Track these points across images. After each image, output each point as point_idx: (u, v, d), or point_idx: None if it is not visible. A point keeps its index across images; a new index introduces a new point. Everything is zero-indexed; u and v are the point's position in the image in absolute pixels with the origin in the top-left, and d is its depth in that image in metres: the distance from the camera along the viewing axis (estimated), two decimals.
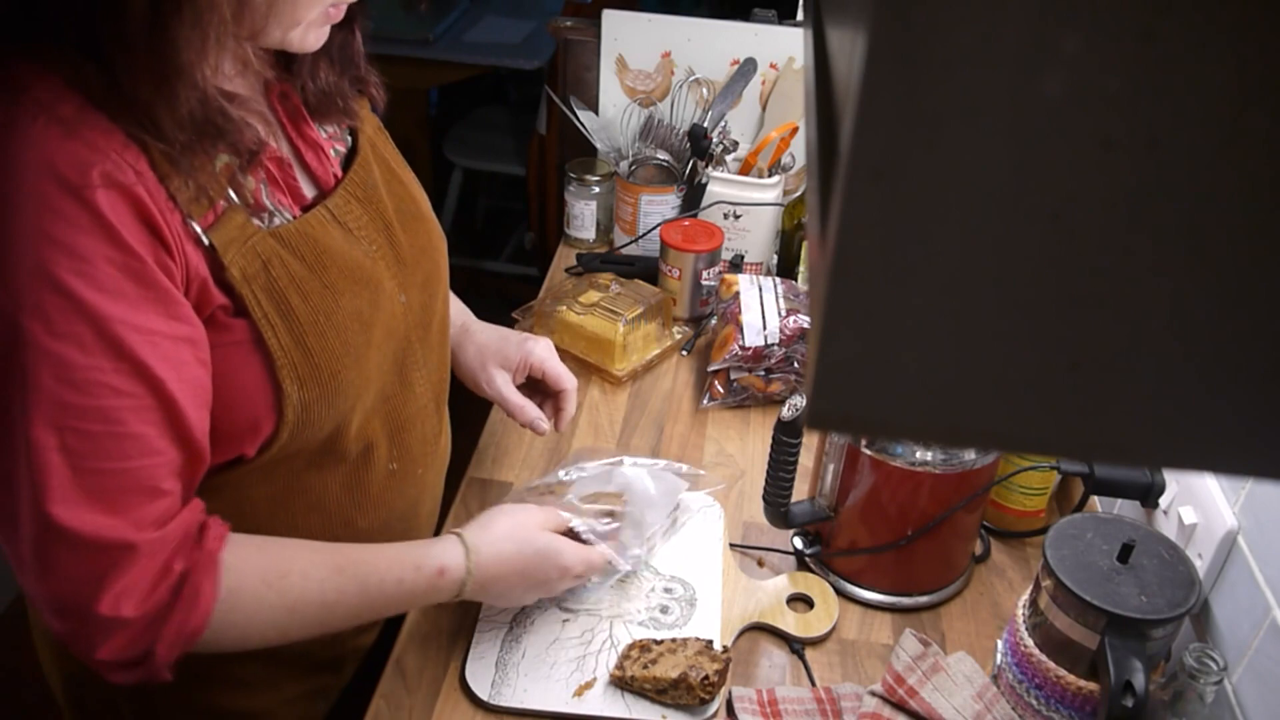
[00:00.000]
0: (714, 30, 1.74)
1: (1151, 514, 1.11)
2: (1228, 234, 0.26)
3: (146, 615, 0.76)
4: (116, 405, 0.73)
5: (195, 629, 0.78)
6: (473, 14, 3.22)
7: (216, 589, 0.79)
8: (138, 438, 0.75)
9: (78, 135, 0.70)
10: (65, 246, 0.70)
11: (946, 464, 1.05)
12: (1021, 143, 0.25)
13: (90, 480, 0.73)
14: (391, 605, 0.91)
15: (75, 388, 0.72)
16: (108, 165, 0.71)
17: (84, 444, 0.73)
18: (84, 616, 0.75)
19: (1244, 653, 0.91)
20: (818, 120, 0.38)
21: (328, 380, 0.85)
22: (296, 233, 0.83)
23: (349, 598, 0.87)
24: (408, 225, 0.97)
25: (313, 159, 0.90)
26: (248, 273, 0.79)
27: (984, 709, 0.97)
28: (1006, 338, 0.28)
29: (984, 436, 0.31)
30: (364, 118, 0.98)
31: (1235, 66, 0.24)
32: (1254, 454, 0.29)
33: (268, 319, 0.80)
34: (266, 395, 0.82)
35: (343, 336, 0.86)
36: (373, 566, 0.88)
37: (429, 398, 1.02)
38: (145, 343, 0.73)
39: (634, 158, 1.72)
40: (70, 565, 0.74)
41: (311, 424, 0.86)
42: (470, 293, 1.24)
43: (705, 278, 1.56)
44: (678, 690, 0.97)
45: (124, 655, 0.77)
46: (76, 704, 1.04)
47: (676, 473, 1.18)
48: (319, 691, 1.07)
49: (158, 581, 0.77)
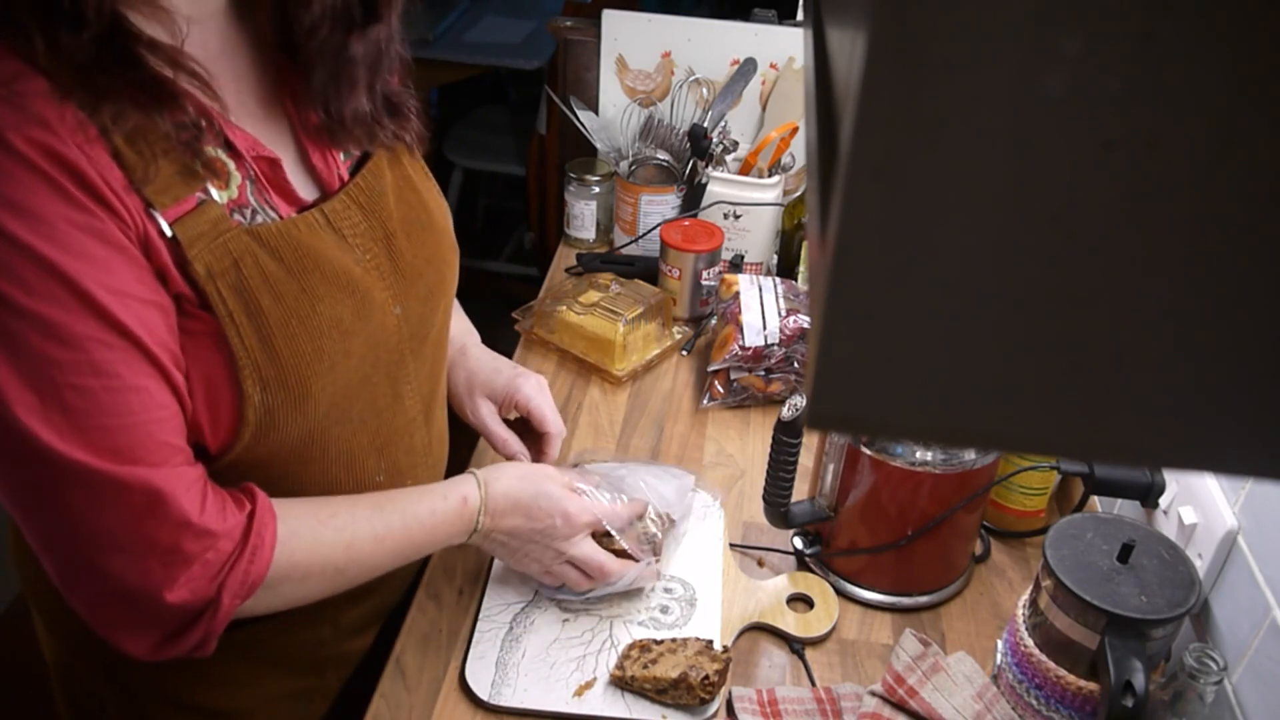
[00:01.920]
0: (714, 30, 1.75)
1: (1151, 514, 1.11)
2: (1227, 234, 0.26)
3: (211, 554, 0.77)
4: (108, 358, 0.72)
5: (259, 575, 0.80)
6: (473, 14, 3.22)
7: (277, 535, 0.81)
8: (137, 390, 0.74)
9: (21, 106, 0.69)
10: (22, 209, 0.69)
11: (946, 464, 1.05)
12: (1021, 143, 0.25)
13: (99, 438, 0.73)
14: (428, 540, 0.94)
15: (62, 343, 0.71)
16: (52, 140, 0.70)
17: (82, 400, 0.72)
18: (152, 545, 0.75)
19: (1244, 653, 0.91)
20: (818, 120, 0.38)
21: (294, 385, 0.83)
22: (277, 233, 0.82)
23: (395, 531, 0.90)
24: (414, 235, 0.95)
25: (319, 160, 0.89)
26: (215, 269, 0.78)
27: (984, 709, 0.97)
28: (1006, 338, 0.28)
29: (984, 436, 0.31)
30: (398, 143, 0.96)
31: (1235, 66, 0.24)
32: (1254, 454, 0.29)
33: (232, 318, 0.79)
34: (227, 393, 0.81)
35: (316, 343, 0.84)
36: (406, 500, 0.92)
37: (418, 410, 1.01)
38: (118, 302, 0.72)
39: (634, 158, 1.72)
40: (112, 500, 0.74)
41: (277, 428, 0.84)
42: (470, 293, 1.24)
43: (705, 278, 1.56)
44: (678, 690, 0.97)
45: (191, 599, 0.77)
46: (67, 693, 1.05)
47: (675, 476, 1.18)
48: (302, 693, 1.06)
49: (220, 520, 0.78)
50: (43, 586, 0.99)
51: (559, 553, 1.01)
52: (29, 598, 1.04)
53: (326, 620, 1.03)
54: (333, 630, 1.04)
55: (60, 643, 1.02)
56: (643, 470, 1.15)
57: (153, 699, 1.00)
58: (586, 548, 1.02)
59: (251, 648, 0.96)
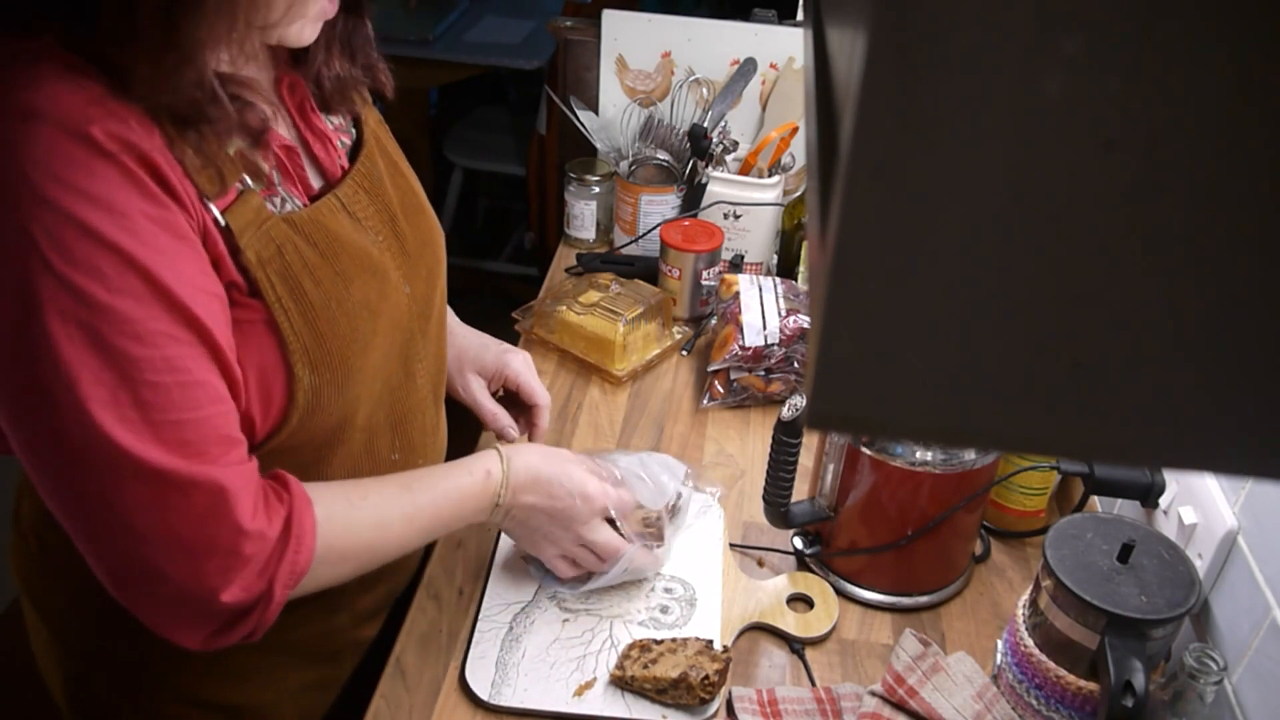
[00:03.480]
0: (714, 30, 1.74)
1: (1151, 514, 1.11)
2: (1227, 234, 0.26)
3: (263, 553, 0.78)
4: (180, 354, 0.74)
5: (305, 564, 0.81)
6: (473, 14, 3.22)
7: (316, 522, 0.82)
8: (204, 385, 0.75)
9: (101, 104, 0.71)
10: (103, 203, 0.70)
11: (946, 464, 1.05)
12: (1021, 143, 0.25)
13: (170, 432, 0.74)
14: (455, 515, 0.95)
15: (139, 340, 0.72)
16: (128, 133, 0.72)
17: (157, 396, 0.73)
18: (211, 550, 0.76)
19: (1244, 653, 0.91)
20: (818, 120, 0.38)
21: (338, 365, 0.86)
22: (309, 220, 0.84)
23: (424, 510, 0.92)
24: (411, 217, 0.98)
25: (320, 150, 0.91)
26: (263, 256, 0.80)
27: (984, 709, 0.97)
28: (1006, 337, 0.28)
29: (984, 436, 0.32)
30: (367, 107, 0.99)
31: (1235, 66, 0.24)
32: (1254, 454, 0.29)
33: (281, 303, 0.81)
34: (279, 378, 0.83)
35: (353, 323, 0.87)
36: (433, 478, 0.94)
37: (428, 389, 1.04)
38: (189, 293, 0.74)
39: (634, 158, 1.72)
40: (178, 503, 0.74)
41: (322, 409, 0.87)
42: (470, 293, 1.25)
43: (705, 278, 1.56)
44: (678, 690, 0.97)
45: (244, 596, 0.78)
46: (76, 704, 1.04)
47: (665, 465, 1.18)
48: (318, 684, 1.07)
49: (270, 514, 0.79)
50: (49, 596, 0.99)
51: (577, 535, 1.02)
52: (32, 609, 1.03)
53: (344, 608, 1.04)
54: (349, 617, 1.06)
55: (69, 654, 1.02)
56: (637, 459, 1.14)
57: (170, 699, 1.00)
58: (604, 532, 1.03)
59: (270, 639, 0.97)
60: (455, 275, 1.24)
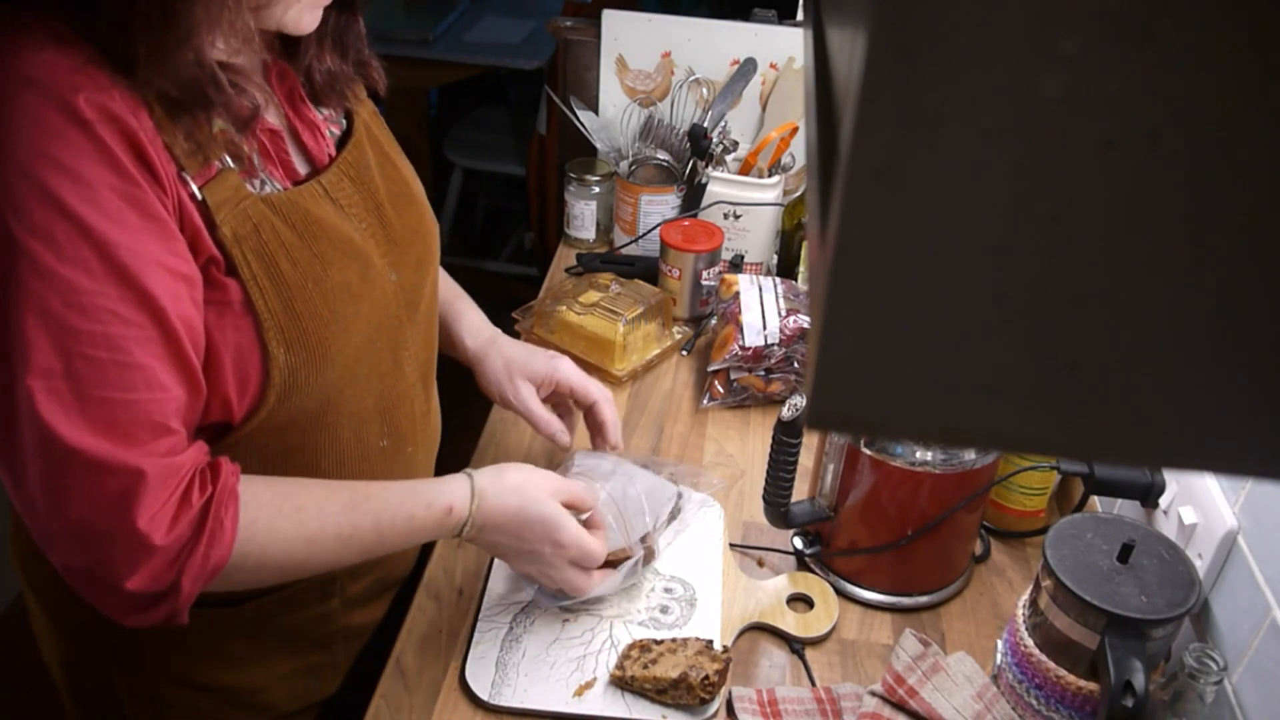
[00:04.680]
0: (714, 30, 1.74)
1: (1151, 514, 1.11)
2: (1227, 234, 0.26)
3: (173, 545, 0.77)
4: (122, 333, 0.74)
5: (219, 561, 0.79)
6: (473, 14, 3.22)
7: (238, 521, 0.81)
8: (143, 369, 0.75)
9: (84, 71, 0.72)
10: (70, 171, 0.71)
11: (946, 464, 1.05)
12: (1021, 143, 0.25)
13: (97, 410, 0.73)
14: (402, 540, 0.93)
15: (82, 313, 0.72)
16: (111, 103, 0.72)
17: (90, 370, 0.73)
18: (113, 540, 0.75)
19: (1244, 653, 0.91)
20: (818, 120, 0.38)
21: (316, 346, 0.86)
22: (288, 201, 0.85)
23: (363, 533, 0.88)
24: (399, 207, 0.99)
25: (308, 137, 0.92)
26: (239, 233, 0.81)
27: (984, 709, 0.97)
28: (1006, 338, 0.28)
29: (984, 436, 0.32)
30: (360, 102, 1.00)
31: (1235, 66, 0.24)
32: (1254, 454, 0.29)
33: (256, 281, 0.82)
34: (254, 356, 0.83)
35: (331, 305, 0.87)
36: (384, 503, 0.90)
37: (416, 377, 1.04)
38: (148, 271, 0.74)
39: (634, 158, 1.72)
40: (87, 487, 0.74)
41: (299, 389, 0.87)
42: (470, 293, 1.25)
43: (705, 278, 1.56)
44: (678, 690, 0.97)
45: (152, 586, 0.77)
46: (75, 688, 1.05)
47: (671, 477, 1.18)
48: (311, 669, 1.07)
49: (179, 511, 0.78)
50: (46, 582, 1.00)
51: (547, 574, 1.01)
52: (31, 594, 1.04)
53: (334, 594, 1.04)
54: (340, 603, 1.06)
55: (67, 638, 1.03)
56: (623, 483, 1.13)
57: (164, 681, 1.01)
58: (570, 574, 1.00)
59: (260, 625, 0.97)
60: (455, 275, 1.24)
